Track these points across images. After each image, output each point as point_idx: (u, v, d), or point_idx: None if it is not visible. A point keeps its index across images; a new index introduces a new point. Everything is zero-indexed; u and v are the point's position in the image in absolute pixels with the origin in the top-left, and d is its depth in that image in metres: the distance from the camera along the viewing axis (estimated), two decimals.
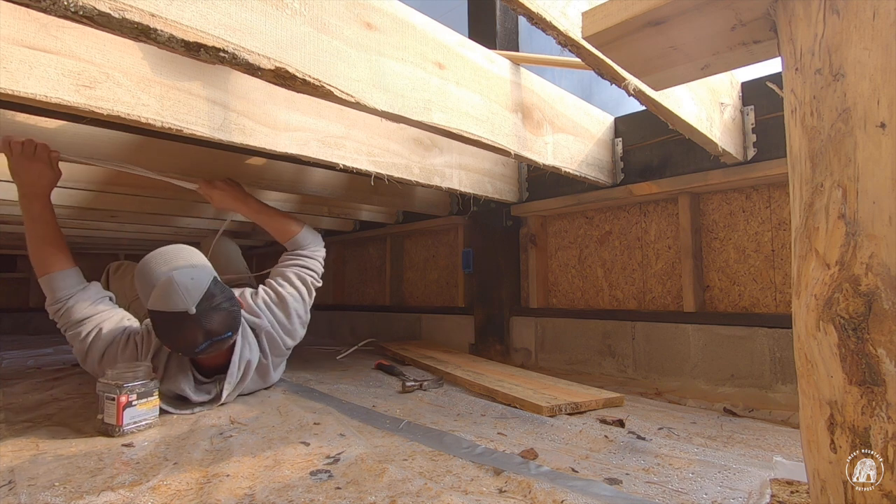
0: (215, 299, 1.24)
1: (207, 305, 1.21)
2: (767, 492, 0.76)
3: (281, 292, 1.52)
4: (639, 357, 1.69)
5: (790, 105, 0.55)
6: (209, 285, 1.24)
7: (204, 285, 1.23)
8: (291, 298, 1.53)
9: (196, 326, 1.20)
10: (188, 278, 1.22)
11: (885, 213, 0.46)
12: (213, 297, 1.23)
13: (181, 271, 1.25)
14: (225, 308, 1.25)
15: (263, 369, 1.49)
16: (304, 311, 1.56)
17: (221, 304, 1.25)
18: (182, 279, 1.21)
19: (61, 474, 0.89)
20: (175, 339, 1.23)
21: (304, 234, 1.64)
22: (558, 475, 0.85)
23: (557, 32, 0.80)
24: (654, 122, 1.55)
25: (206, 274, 1.28)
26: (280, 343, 1.51)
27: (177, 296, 1.19)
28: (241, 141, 1.11)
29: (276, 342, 1.50)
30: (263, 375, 1.50)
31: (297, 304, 1.54)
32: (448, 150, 1.58)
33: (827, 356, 0.49)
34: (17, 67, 0.83)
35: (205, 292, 1.22)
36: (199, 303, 1.20)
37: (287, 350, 1.56)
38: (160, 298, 1.20)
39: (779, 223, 1.47)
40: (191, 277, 1.23)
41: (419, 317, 2.57)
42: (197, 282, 1.23)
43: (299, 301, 1.55)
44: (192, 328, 1.20)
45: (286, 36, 0.73)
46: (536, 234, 2.07)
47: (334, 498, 0.78)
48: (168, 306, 1.19)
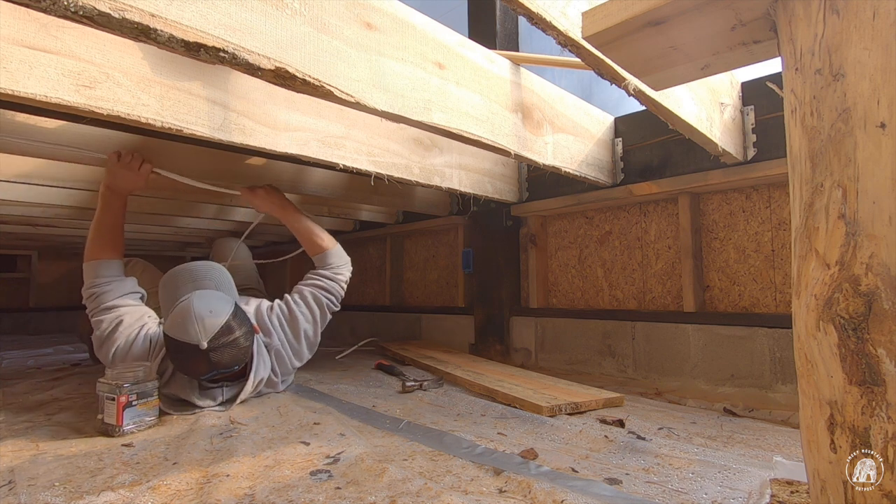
0: (231, 335, 1.23)
1: (221, 342, 1.21)
2: (767, 492, 0.76)
3: (294, 311, 1.53)
4: (639, 357, 1.69)
5: (790, 105, 0.55)
6: (227, 319, 1.23)
7: (221, 320, 1.22)
8: (302, 318, 1.54)
9: (204, 360, 1.20)
10: (207, 310, 1.21)
11: (885, 213, 0.46)
12: (230, 332, 1.23)
13: (203, 298, 1.24)
14: (238, 345, 1.25)
15: (271, 384, 1.50)
16: (313, 332, 1.57)
17: (237, 341, 1.24)
18: (201, 311, 1.20)
19: (61, 474, 0.89)
20: (181, 364, 1.25)
21: (332, 252, 1.66)
22: (558, 475, 0.85)
23: (557, 32, 0.80)
24: (654, 122, 1.55)
25: (226, 303, 1.27)
26: (287, 362, 1.53)
27: (192, 328, 1.18)
28: (241, 141, 1.11)
29: (284, 360, 1.52)
30: (272, 388, 1.52)
31: (307, 325, 1.55)
32: (448, 150, 1.58)
33: (827, 356, 0.49)
34: (17, 67, 0.83)
35: (221, 328, 1.21)
36: (212, 339, 1.19)
37: (293, 369, 1.57)
38: (176, 325, 1.20)
39: (779, 223, 1.47)
40: (209, 310, 1.22)
41: (419, 317, 2.56)
42: (215, 316, 1.22)
43: (310, 322, 1.55)
44: (200, 360, 1.20)
45: (286, 36, 0.73)
46: (536, 234, 2.07)
47: (334, 498, 0.78)
48: (181, 336, 1.19)
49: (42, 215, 2.09)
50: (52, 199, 1.82)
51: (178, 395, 1.31)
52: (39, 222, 2.37)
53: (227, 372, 1.28)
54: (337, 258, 1.67)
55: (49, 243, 3.44)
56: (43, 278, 4.06)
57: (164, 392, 1.30)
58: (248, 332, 1.29)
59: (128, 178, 1.37)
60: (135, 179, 1.38)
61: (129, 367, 1.21)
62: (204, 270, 1.38)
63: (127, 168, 1.35)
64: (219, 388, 1.37)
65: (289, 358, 1.52)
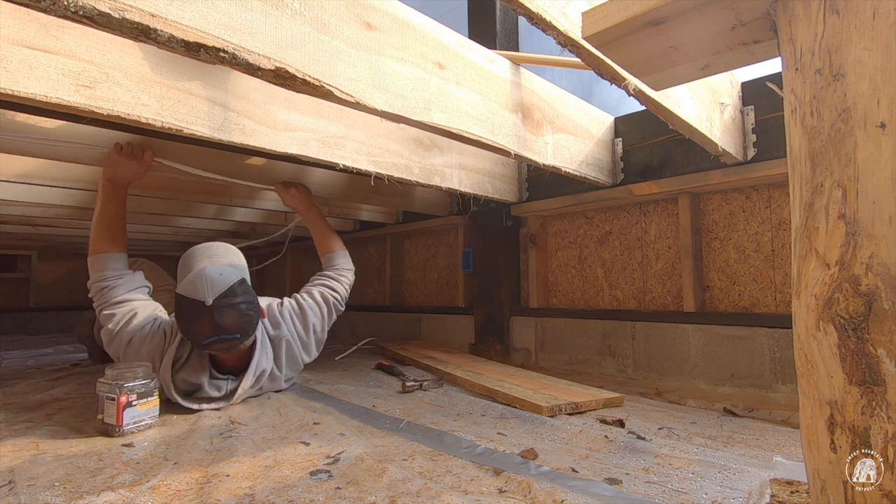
0: (235, 297, 1.27)
1: (225, 301, 1.25)
2: (767, 492, 0.76)
3: (303, 304, 1.58)
4: (639, 357, 1.69)
5: (790, 105, 0.55)
6: (234, 283, 1.28)
7: (229, 281, 1.27)
8: (311, 312, 1.57)
9: (208, 318, 1.23)
10: (217, 273, 1.27)
11: (885, 213, 0.46)
12: (234, 295, 1.27)
13: (216, 266, 1.30)
14: (241, 309, 1.28)
15: (274, 379, 1.50)
16: (321, 328, 1.61)
17: (239, 304, 1.27)
18: (212, 272, 1.27)
19: (61, 474, 0.89)
20: (187, 327, 1.27)
21: (339, 253, 1.78)
22: (558, 475, 0.85)
23: (557, 32, 0.80)
24: (654, 122, 1.55)
25: (236, 272, 1.32)
26: (297, 355, 1.54)
27: (201, 285, 1.24)
28: (241, 141, 1.11)
29: (294, 353, 1.53)
30: (274, 383, 1.52)
31: (316, 319, 1.58)
32: (448, 150, 1.58)
33: (827, 356, 0.49)
34: (17, 67, 0.83)
35: (227, 288, 1.26)
36: (217, 297, 1.24)
37: (301, 364, 1.59)
38: (188, 284, 1.26)
39: (779, 223, 1.47)
40: (219, 273, 1.28)
41: (419, 317, 2.56)
42: (224, 277, 1.27)
43: (318, 317, 1.59)
44: (204, 319, 1.23)
45: (286, 36, 0.73)
46: (536, 234, 2.07)
47: (334, 498, 0.78)
48: (190, 292, 1.24)
49: (42, 215, 2.09)
50: (52, 199, 1.83)
51: (189, 379, 1.33)
52: (39, 222, 2.37)
53: (229, 340, 1.28)
54: (343, 261, 1.77)
55: (49, 243, 3.44)
56: (43, 278, 4.07)
57: (179, 376, 1.33)
58: (252, 301, 1.33)
59: (130, 166, 1.37)
60: (137, 167, 1.38)
61: (130, 367, 1.20)
62: (221, 249, 1.42)
63: (129, 157, 1.36)
64: (224, 379, 1.39)
65: (299, 351, 1.55)
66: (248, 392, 1.42)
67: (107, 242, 1.40)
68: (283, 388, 1.55)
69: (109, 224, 1.42)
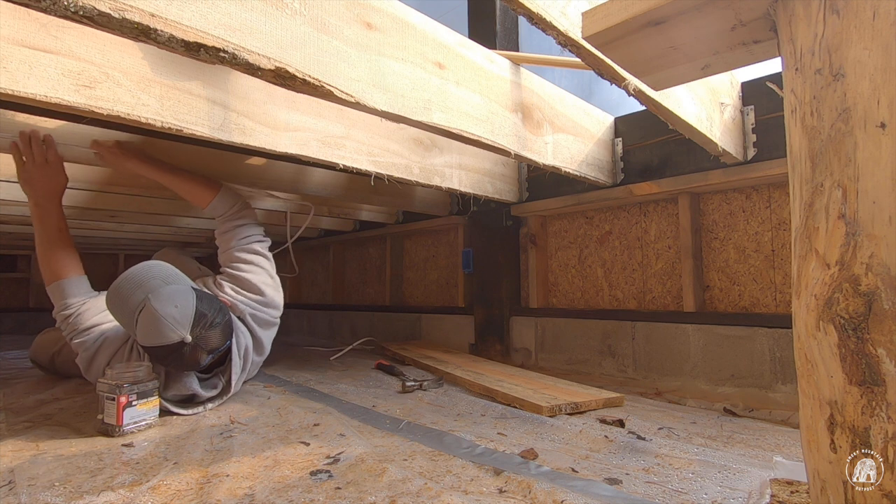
0: (207, 318, 1.19)
1: (202, 328, 1.18)
2: (767, 492, 0.76)
3: (239, 276, 1.47)
4: (639, 357, 1.69)
5: (790, 105, 0.55)
6: (196, 306, 1.18)
7: (191, 309, 1.17)
8: (251, 275, 1.47)
9: (196, 350, 1.18)
10: (171, 306, 1.14)
11: (885, 213, 0.46)
12: (205, 317, 1.19)
13: (160, 298, 1.15)
14: (219, 323, 1.23)
15: (259, 345, 1.47)
16: (270, 279, 1.51)
17: (215, 321, 1.22)
18: (164, 310, 1.13)
19: (61, 474, 0.89)
20: (178, 365, 1.22)
21: (221, 198, 1.51)
22: (558, 475, 0.85)
23: (557, 32, 0.80)
24: (654, 122, 1.55)
25: (187, 294, 1.20)
26: (266, 316, 1.48)
27: (167, 329, 1.12)
28: (241, 141, 1.11)
29: (261, 316, 1.47)
30: (260, 351, 1.48)
31: (258, 276, 1.48)
32: (448, 150, 1.58)
33: (827, 356, 0.49)
34: (17, 67, 0.83)
35: (194, 316, 1.16)
36: (192, 328, 1.16)
37: (275, 319, 1.52)
38: (150, 335, 1.13)
39: (779, 223, 1.47)
40: (174, 305, 1.15)
41: (419, 317, 2.56)
42: (182, 309, 1.16)
43: (260, 272, 1.49)
44: (192, 353, 1.18)
45: (286, 36, 0.73)
46: (536, 234, 2.07)
47: (334, 498, 0.78)
48: (162, 341, 1.13)
49: None
50: None
51: (181, 392, 1.30)
52: None
53: (224, 349, 1.27)
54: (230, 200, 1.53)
55: None
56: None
57: (169, 393, 1.28)
58: (219, 308, 1.26)
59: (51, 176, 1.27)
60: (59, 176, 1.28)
61: (130, 367, 1.20)
62: (145, 272, 1.23)
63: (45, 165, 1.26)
64: (213, 375, 1.36)
65: (265, 312, 1.48)
66: (242, 376, 1.39)
67: (61, 268, 1.32)
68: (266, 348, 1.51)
69: (55, 250, 1.32)
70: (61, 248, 1.33)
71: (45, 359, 1.78)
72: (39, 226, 1.33)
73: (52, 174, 1.30)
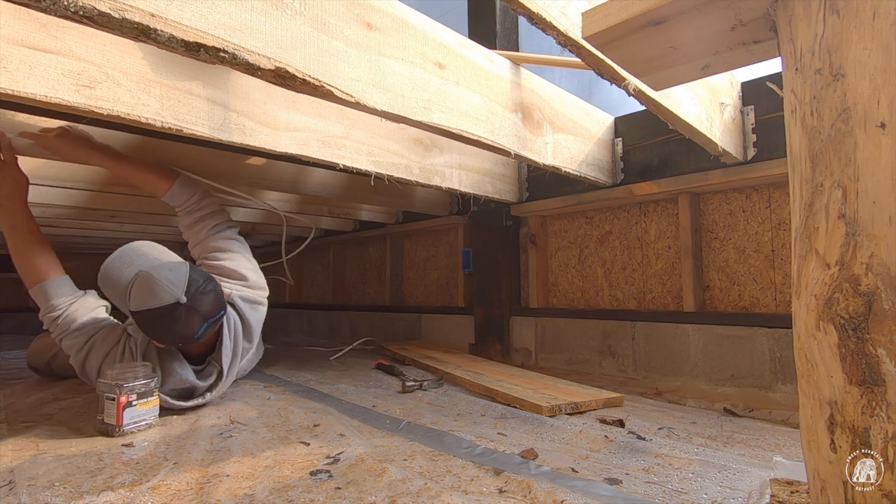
0: (199, 283, 1.20)
1: (195, 291, 1.18)
2: (767, 492, 0.76)
3: (217, 265, 1.44)
4: (639, 357, 1.69)
5: (790, 105, 0.55)
6: (188, 271, 1.20)
7: (184, 273, 1.19)
8: (230, 262, 1.45)
9: (191, 313, 1.17)
10: (165, 270, 1.17)
11: (885, 213, 0.46)
12: (197, 282, 1.19)
13: (153, 266, 1.19)
14: (211, 290, 1.22)
15: (248, 329, 1.44)
16: (248, 262, 1.48)
17: (207, 288, 1.21)
18: (159, 273, 1.16)
19: (61, 474, 0.89)
20: (171, 333, 1.18)
21: (179, 187, 1.45)
22: (558, 475, 0.85)
23: (557, 32, 0.80)
24: (654, 122, 1.55)
25: (179, 264, 1.22)
26: (252, 294, 1.45)
27: (162, 289, 1.14)
28: (241, 141, 1.11)
29: (247, 294, 1.44)
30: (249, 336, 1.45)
31: (237, 261, 1.46)
32: (448, 150, 1.58)
33: (827, 356, 0.49)
34: (17, 67, 0.83)
35: (188, 279, 1.18)
36: (186, 290, 1.16)
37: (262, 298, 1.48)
38: (144, 296, 1.14)
39: (779, 223, 1.47)
40: (168, 269, 1.18)
41: (419, 317, 2.56)
42: (176, 272, 1.18)
43: (237, 258, 1.47)
44: (187, 317, 1.16)
45: (286, 36, 0.73)
46: (536, 234, 2.07)
47: (334, 498, 0.78)
48: (156, 302, 1.13)
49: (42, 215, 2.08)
50: (52, 199, 1.83)
51: (177, 385, 1.29)
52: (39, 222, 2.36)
53: (217, 320, 1.24)
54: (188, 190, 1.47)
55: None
56: None
57: (164, 391, 1.26)
58: (209, 277, 1.25)
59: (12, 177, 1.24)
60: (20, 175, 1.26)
61: (130, 367, 1.20)
62: (135, 249, 1.26)
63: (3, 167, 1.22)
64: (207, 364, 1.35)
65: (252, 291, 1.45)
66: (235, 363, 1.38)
67: (39, 270, 1.29)
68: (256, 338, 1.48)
69: (29, 252, 1.29)
70: (37, 249, 1.30)
71: (41, 364, 1.77)
72: (9, 230, 1.29)
73: (10, 175, 1.27)
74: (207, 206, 1.49)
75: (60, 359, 1.67)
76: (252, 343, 1.48)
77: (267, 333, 2.02)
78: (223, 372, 1.34)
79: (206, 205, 1.49)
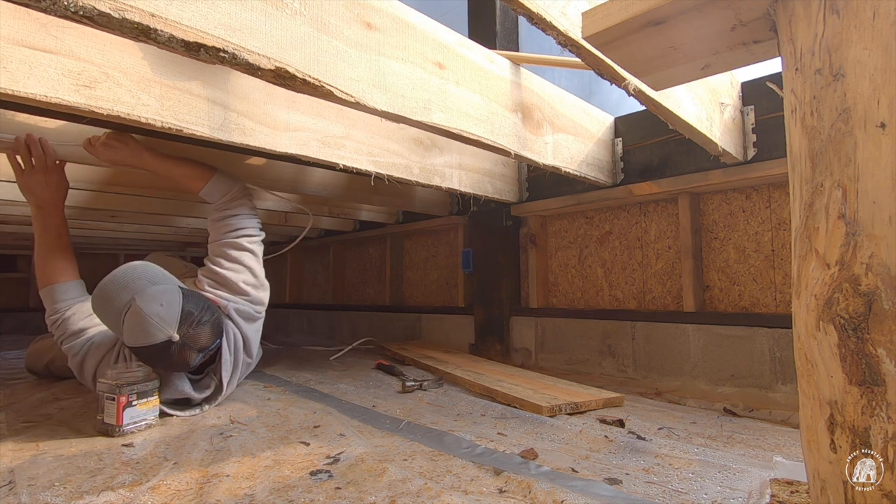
0: (194, 316, 1.17)
1: (189, 326, 1.15)
2: (767, 492, 0.76)
3: (219, 273, 1.41)
4: (639, 357, 1.69)
5: (790, 105, 0.55)
6: (182, 304, 1.15)
7: (177, 307, 1.14)
8: (232, 273, 1.41)
9: (185, 349, 1.16)
10: (157, 305, 1.12)
11: (885, 213, 0.46)
12: (192, 315, 1.17)
13: (145, 298, 1.13)
14: (207, 321, 1.20)
15: (247, 344, 1.43)
16: (252, 277, 1.44)
17: (202, 319, 1.19)
18: (150, 309, 1.11)
19: (61, 474, 0.89)
20: (167, 366, 1.19)
21: (215, 183, 1.44)
22: (558, 475, 0.85)
23: (557, 32, 0.80)
24: (654, 122, 1.55)
25: (173, 293, 1.17)
26: (249, 309, 1.43)
27: (153, 327, 1.10)
28: (241, 141, 1.11)
29: (244, 310, 1.42)
30: (248, 351, 1.44)
31: (240, 274, 1.42)
32: (448, 150, 1.58)
33: (827, 356, 0.49)
34: (17, 67, 0.83)
35: (181, 314, 1.14)
36: (179, 326, 1.13)
37: (258, 314, 1.46)
38: (136, 334, 1.11)
39: (779, 223, 1.47)
40: (159, 304, 1.13)
41: (419, 317, 2.56)
42: (168, 306, 1.13)
43: (242, 271, 1.43)
44: (180, 353, 1.15)
45: (286, 36, 0.73)
46: (536, 234, 2.07)
47: (334, 498, 0.78)
48: (149, 340, 1.11)
49: None
50: None
51: (173, 395, 1.29)
52: None
53: (215, 348, 1.24)
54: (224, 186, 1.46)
55: None
56: None
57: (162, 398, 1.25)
58: (207, 306, 1.23)
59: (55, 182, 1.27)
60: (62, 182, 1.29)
61: (130, 368, 1.20)
62: (129, 273, 1.21)
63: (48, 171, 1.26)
64: (204, 375, 1.35)
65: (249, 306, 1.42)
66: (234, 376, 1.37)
67: (55, 273, 1.32)
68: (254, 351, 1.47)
69: (53, 255, 1.32)
70: (59, 254, 1.33)
71: (39, 367, 1.78)
72: (40, 230, 1.33)
73: (54, 181, 1.31)
74: (239, 206, 1.47)
75: (58, 362, 1.67)
76: (252, 357, 1.48)
77: (267, 333, 2.02)
78: (222, 385, 1.34)
79: (238, 205, 1.47)
